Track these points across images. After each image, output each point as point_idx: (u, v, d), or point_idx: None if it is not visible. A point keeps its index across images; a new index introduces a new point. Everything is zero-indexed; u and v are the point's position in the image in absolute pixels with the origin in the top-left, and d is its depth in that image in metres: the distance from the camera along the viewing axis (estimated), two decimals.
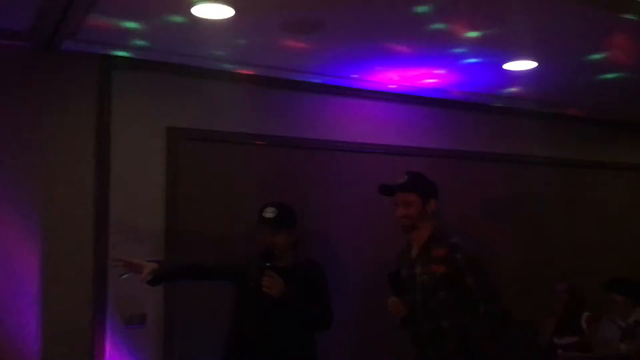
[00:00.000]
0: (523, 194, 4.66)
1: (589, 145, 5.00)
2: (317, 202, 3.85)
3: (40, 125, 3.20)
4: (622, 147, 5.20)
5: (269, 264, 2.82)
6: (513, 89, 4.18)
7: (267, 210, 2.96)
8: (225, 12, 2.79)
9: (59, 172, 3.22)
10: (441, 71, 3.74)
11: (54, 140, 3.22)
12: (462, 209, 4.29)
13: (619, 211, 5.09)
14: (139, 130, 3.42)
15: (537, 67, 3.65)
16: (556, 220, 4.77)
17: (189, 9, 2.75)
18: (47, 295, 3.13)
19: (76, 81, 3.29)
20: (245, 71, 3.66)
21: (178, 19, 2.89)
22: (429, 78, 3.88)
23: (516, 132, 4.65)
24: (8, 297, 3.06)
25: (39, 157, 3.18)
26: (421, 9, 2.81)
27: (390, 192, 2.84)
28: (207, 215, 3.55)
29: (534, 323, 4.23)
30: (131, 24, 2.97)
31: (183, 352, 3.41)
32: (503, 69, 3.69)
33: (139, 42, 3.20)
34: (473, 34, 3.13)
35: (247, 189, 3.63)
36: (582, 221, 4.89)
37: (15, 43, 3.12)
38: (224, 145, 3.65)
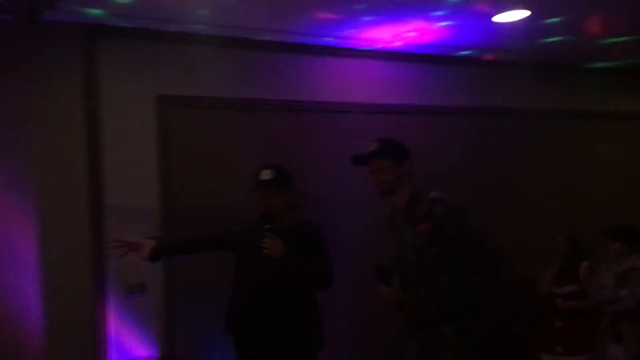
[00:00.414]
0: (518, 147, 4.65)
1: (583, 94, 4.97)
2: (310, 165, 3.85)
3: (27, 98, 3.17)
4: (617, 95, 5.15)
5: (268, 227, 2.83)
6: (504, 41, 4.12)
7: (264, 172, 2.96)
8: None
9: (50, 146, 3.22)
10: (430, 27, 3.68)
11: (42, 113, 3.20)
12: (457, 165, 4.28)
13: (615, 160, 5.08)
14: (128, 99, 3.40)
15: (529, 15, 3.59)
16: (552, 172, 4.77)
17: None
18: (47, 270, 3.16)
19: (61, 51, 3.26)
20: (232, 35, 3.61)
21: None
22: (420, 36, 3.83)
23: (508, 85, 4.60)
24: (8, 274, 3.09)
25: (28, 132, 3.17)
26: None
27: (363, 162, 2.84)
28: (200, 182, 3.55)
29: (533, 275, 4.27)
30: None
31: (184, 319, 3.45)
32: (491, 21, 3.63)
33: (120, 10, 3.13)
34: None
35: (239, 155, 3.63)
36: (579, 172, 4.89)
37: None
38: (214, 111, 3.64)
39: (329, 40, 3.84)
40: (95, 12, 3.16)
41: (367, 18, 3.49)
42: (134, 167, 3.39)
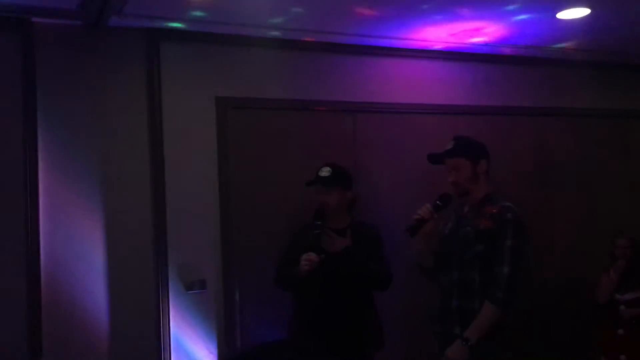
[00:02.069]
0: (582, 147, 4.53)
1: None
2: (368, 166, 3.86)
3: (94, 99, 3.29)
4: None
5: (319, 222, 2.86)
6: (566, 41, 4.03)
7: (323, 169, 3.01)
8: None
9: (115, 145, 3.33)
10: (488, 24, 3.64)
11: (108, 112, 3.32)
12: (515, 165, 4.21)
13: None
14: (188, 101, 3.48)
15: (590, 14, 3.50)
16: (612, 174, 4.63)
17: None
18: (111, 265, 3.26)
19: (125, 55, 3.37)
20: (289, 37, 3.65)
21: None
22: (477, 34, 3.79)
23: (569, 84, 4.50)
24: (76, 270, 3.20)
25: (95, 133, 3.29)
26: None
27: (439, 161, 2.85)
28: (258, 183, 3.60)
29: (589, 280, 4.16)
30: None
31: (243, 315, 3.52)
32: (556, 18, 3.55)
33: (195, 14, 3.22)
34: None
35: (297, 156, 3.67)
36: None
37: (64, 22, 3.21)
38: (272, 112, 3.69)
39: (384, 40, 3.83)
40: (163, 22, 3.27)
41: (424, 17, 3.47)
42: (194, 168, 3.48)
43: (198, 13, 3.22)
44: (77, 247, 3.22)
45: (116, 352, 3.23)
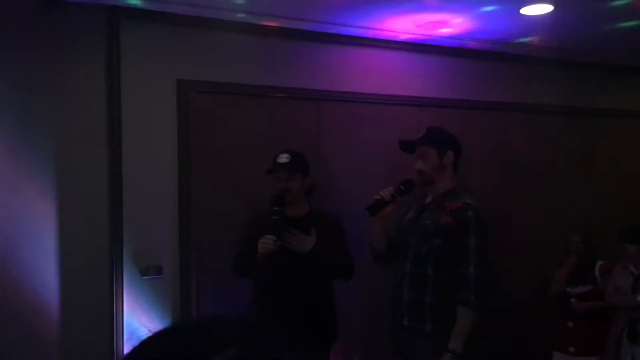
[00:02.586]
0: (539, 143, 4.60)
1: (606, 93, 4.90)
2: (330, 154, 3.85)
3: (50, 78, 3.19)
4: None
5: (277, 208, 2.84)
6: (529, 36, 4.08)
7: (281, 156, 2.97)
8: None
9: (71, 126, 3.24)
10: (454, 17, 3.65)
11: (64, 92, 3.22)
12: (478, 159, 4.25)
13: (635, 160, 5.01)
14: (149, 82, 3.41)
15: (553, 10, 3.54)
16: (571, 170, 4.73)
17: None
18: (65, 250, 3.19)
19: (84, 34, 3.27)
20: (255, 21, 3.60)
21: None
22: (443, 26, 3.79)
23: (532, 81, 4.56)
24: (28, 254, 3.12)
25: (50, 111, 3.19)
26: None
27: (409, 148, 2.85)
28: (218, 167, 3.56)
29: (547, 274, 4.25)
30: None
31: (199, 302, 3.48)
32: (520, 13, 3.59)
33: None
34: None
35: (259, 142, 3.63)
36: (598, 171, 4.84)
37: None
38: (235, 98, 3.64)
39: (350, 29, 3.81)
40: None
41: (390, 6, 3.46)
42: (152, 151, 3.41)
43: None
44: (30, 230, 3.14)
45: (67, 338, 3.16)
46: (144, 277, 3.34)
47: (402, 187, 2.79)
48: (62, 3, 3.15)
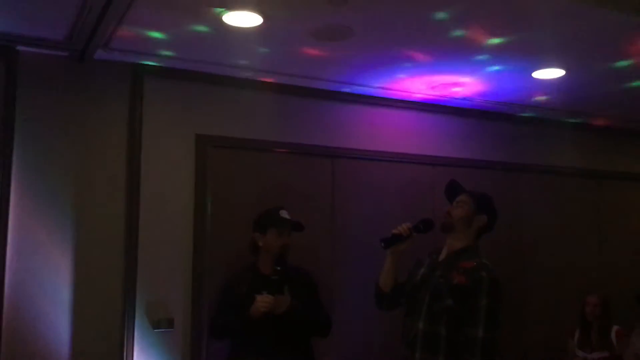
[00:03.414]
0: (552, 205, 4.61)
1: (617, 155, 4.94)
2: (341, 210, 3.88)
3: (74, 130, 3.29)
4: None
5: (279, 268, 2.85)
6: (541, 98, 4.16)
7: (282, 211, 3.00)
8: (254, 20, 2.85)
9: (92, 177, 3.31)
10: (466, 79, 3.74)
11: (87, 144, 3.31)
12: None
13: None
14: (169, 137, 3.49)
15: (564, 75, 3.63)
16: (584, 232, 4.70)
17: (218, 16, 2.82)
18: (78, 300, 3.20)
19: (109, 89, 3.39)
20: (271, 79, 3.72)
21: (204, 28, 2.96)
22: (455, 87, 3.89)
23: (543, 143, 4.61)
24: (42, 304, 3.14)
25: (73, 161, 3.27)
26: (439, 15, 2.84)
27: (452, 192, 2.86)
28: (235, 221, 3.58)
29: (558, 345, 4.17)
30: (158, 34, 3.06)
31: (209, 355, 3.44)
32: (531, 77, 3.68)
33: (166, 52, 3.29)
34: (494, 41, 3.15)
35: (274, 196, 3.67)
36: (610, 233, 4.81)
37: (50, 52, 3.23)
38: (252, 153, 3.70)
39: (366, 89, 3.92)
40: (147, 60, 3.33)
41: (405, 69, 3.57)
42: (170, 204, 3.46)
43: (167, 52, 3.28)
44: (44, 281, 3.15)
45: None
46: (156, 330, 3.33)
47: (421, 226, 2.79)
48: (90, 60, 3.28)
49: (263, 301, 2.79)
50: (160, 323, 3.34)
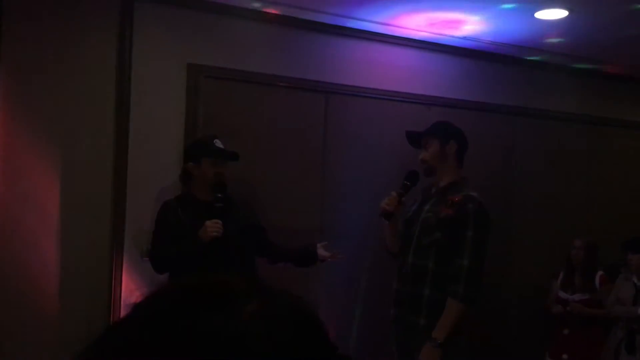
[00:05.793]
0: (547, 150, 4.58)
1: (618, 102, 4.87)
2: (336, 147, 3.84)
3: (62, 57, 3.20)
4: None
5: (220, 195, 2.87)
6: (545, 41, 4.06)
7: (217, 141, 2.99)
8: None
9: (79, 106, 3.24)
10: (466, 17, 3.63)
11: (75, 72, 3.23)
12: (486, 161, 4.24)
13: None
14: (159, 64, 3.41)
15: (568, 16, 3.53)
16: (581, 178, 4.70)
17: None
18: (67, 229, 3.19)
19: (97, 11, 3.27)
20: (270, 10, 3.60)
21: None
22: (455, 25, 3.78)
23: (545, 87, 4.54)
24: (30, 229, 3.13)
25: (60, 90, 3.19)
26: None
27: (416, 142, 2.87)
28: None
29: (542, 285, 4.23)
30: None
31: None
32: (534, 17, 3.57)
33: None
34: None
35: (266, 130, 3.63)
36: (608, 180, 4.81)
37: None
38: (244, 85, 3.63)
39: (364, 24, 3.81)
40: None
41: (405, 3, 3.45)
42: (159, 133, 3.41)
43: None
44: (32, 203, 3.14)
45: (64, 315, 3.16)
46: (144, 259, 3.34)
47: (407, 182, 2.80)
48: None
49: (213, 226, 2.79)
50: (148, 252, 3.34)
